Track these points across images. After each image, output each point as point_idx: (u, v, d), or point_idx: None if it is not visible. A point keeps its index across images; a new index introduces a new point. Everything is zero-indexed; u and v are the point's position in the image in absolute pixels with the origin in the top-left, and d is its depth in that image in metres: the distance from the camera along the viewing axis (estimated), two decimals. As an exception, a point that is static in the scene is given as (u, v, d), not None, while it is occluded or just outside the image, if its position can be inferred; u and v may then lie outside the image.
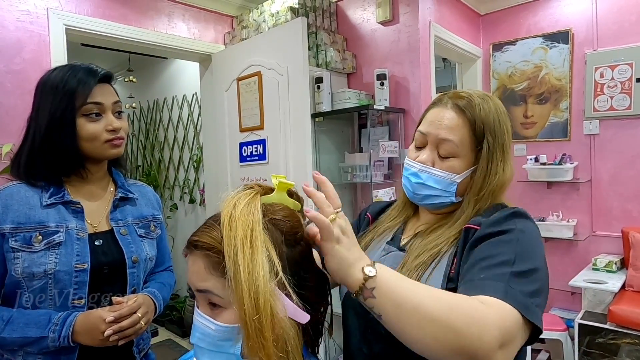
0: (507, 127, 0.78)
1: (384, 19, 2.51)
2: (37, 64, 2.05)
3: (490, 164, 0.75)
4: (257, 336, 0.48)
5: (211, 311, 0.55)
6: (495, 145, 0.75)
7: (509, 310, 0.56)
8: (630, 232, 2.65)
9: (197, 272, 0.55)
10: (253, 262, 0.49)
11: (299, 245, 0.58)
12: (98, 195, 1.05)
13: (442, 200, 0.78)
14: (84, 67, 0.98)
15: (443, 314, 0.52)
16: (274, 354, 0.49)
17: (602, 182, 2.87)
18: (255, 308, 0.48)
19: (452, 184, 0.76)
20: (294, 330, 0.53)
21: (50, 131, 0.93)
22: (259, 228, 0.52)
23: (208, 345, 0.55)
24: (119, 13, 2.35)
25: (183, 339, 3.33)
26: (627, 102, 2.73)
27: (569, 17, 2.95)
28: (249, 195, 0.55)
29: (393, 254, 0.81)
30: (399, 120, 2.49)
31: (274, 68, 2.33)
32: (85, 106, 0.94)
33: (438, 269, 0.72)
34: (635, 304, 2.33)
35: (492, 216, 0.72)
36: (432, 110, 0.80)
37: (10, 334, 0.87)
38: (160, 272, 1.22)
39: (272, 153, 2.39)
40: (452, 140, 0.75)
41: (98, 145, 0.97)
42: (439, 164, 0.77)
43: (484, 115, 0.75)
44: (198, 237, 0.55)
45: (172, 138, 4.01)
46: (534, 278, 0.62)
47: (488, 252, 0.65)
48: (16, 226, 0.90)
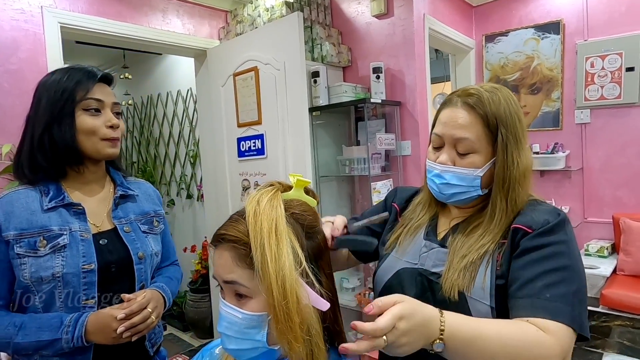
0: (519, 116, 0.79)
1: (378, 12, 2.53)
2: (34, 63, 2.05)
3: (506, 154, 0.77)
4: (286, 320, 0.53)
5: (238, 301, 0.59)
6: (508, 135, 0.77)
7: (569, 333, 0.65)
8: (620, 218, 2.73)
9: (224, 265, 0.58)
10: (279, 253, 0.53)
11: (317, 238, 0.62)
12: (98, 194, 1.05)
13: (469, 196, 0.81)
14: (82, 68, 1.00)
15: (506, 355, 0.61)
16: (301, 336, 0.54)
17: (593, 169, 2.94)
18: (283, 294, 0.53)
19: (476, 179, 0.79)
20: (315, 317, 0.57)
21: (50, 124, 0.93)
22: (283, 222, 0.56)
23: (235, 333, 0.58)
24: (113, 10, 2.34)
25: (185, 333, 3.37)
26: (617, 91, 2.79)
27: (559, 8, 2.99)
28: (270, 192, 0.59)
29: (435, 250, 0.83)
30: (395, 112, 2.53)
31: (270, 63, 2.34)
32: (85, 101, 0.95)
33: (487, 268, 0.75)
34: (626, 288, 2.41)
35: (541, 219, 0.74)
36: (444, 111, 0.83)
37: (24, 338, 0.89)
38: (167, 267, 1.23)
39: (270, 148, 2.41)
40: (468, 138, 0.77)
41: (96, 140, 0.97)
42: (460, 161, 0.79)
43: (494, 108, 0.77)
44: (225, 231, 0.59)
45: (168, 134, 4.01)
46: (584, 292, 0.71)
47: (548, 265, 0.70)
48: (19, 232, 0.90)
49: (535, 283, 0.69)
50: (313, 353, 0.57)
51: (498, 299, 0.73)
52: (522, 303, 0.68)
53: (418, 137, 2.48)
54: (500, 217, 0.78)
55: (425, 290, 0.81)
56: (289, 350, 0.55)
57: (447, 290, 0.76)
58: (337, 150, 2.66)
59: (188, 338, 3.31)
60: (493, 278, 0.74)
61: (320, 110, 2.47)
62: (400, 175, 2.55)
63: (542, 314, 0.66)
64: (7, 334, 0.89)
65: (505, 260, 0.75)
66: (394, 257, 0.89)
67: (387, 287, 0.87)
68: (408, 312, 0.56)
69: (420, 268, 0.83)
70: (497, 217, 0.78)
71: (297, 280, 0.55)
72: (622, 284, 2.46)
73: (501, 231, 0.78)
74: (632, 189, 2.82)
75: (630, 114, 2.78)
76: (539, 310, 0.66)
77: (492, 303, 0.73)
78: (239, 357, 0.62)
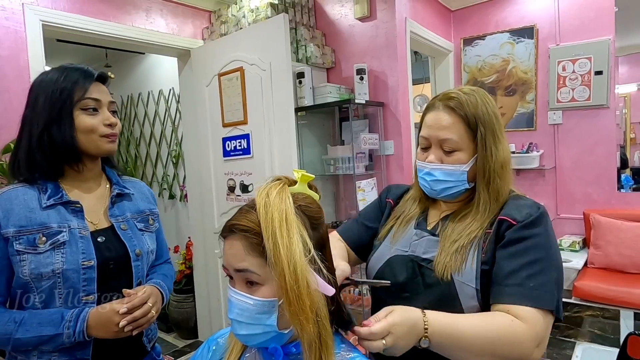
0: (496, 114, 0.88)
1: (361, 15, 2.59)
2: (15, 60, 2.01)
3: (485, 149, 0.85)
4: (297, 302, 0.57)
5: (248, 289, 0.63)
6: (487, 132, 0.85)
7: (548, 318, 0.75)
8: (591, 214, 2.87)
9: (235, 254, 0.62)
10: (290, 242, 0.58)
11: (321, 229, 0.66)
12: (95, 192, 1.07)
13: (457, 190, 0.88)
14: (79, 68, 1.01)
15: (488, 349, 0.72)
16: (312, 318, 0.58)
17: (565, 168, 3.09)
18: (294, 279, 0.57)
19: (463, 174, 0.87)
20: (322, 301, 0.61)
21: (49, 125, 0.94)
22: (292, 213, 0.60)
23: (247, 319, 0.62)
24: (96, 8, 2.32)
25: (168, 334, 3.34)
26: (587, 94, 2.94)
27: (533, 14, 3.12)
28: (278, 185, 0.63)
29: (426, 238, 0.91)
30: (378, 113, 2.59)
31: (256, 64, 2.37)
32: (83, 101, 0.97)
33: (474, 253, 0.83)
34: (597, 280, 2.54)
35: (524, 212, 0.82)
36: (428, 115, 0.91)
37: (25, 334, 0.89)
38: (160, 265, 1.25)
39: (256, 147, 2.43)
40: (452, 138, 0.86)
41: (95, 138, 0.99)
42: (446, 159, 0.87)
43: (473, 109, 0.86)
44: (237, 221, 0.62)
45: (149, 134, 3.97)
46: (561, 279, 0.80)
47: (531, 256, 0.79)
48: (19, 229, 0.91)
49: (520, 273, 0.78)
50: (321, 335, 0.61)
51: (482, 283, 0.81)
52: (508, 291, 0.77)
53: (400, 137, 2.55)
54: (486, 207, 0.86)
55: (415, 274, 0.88)
56: (301, 331, 0.59)
57: (439, 272, 0.83)
58: (322, 149, 2.70)
59: (172, 339, 3.29)
60: (479, 263, 0.82)
61: (305, 111, 2.51)
62: (383, 174, 2.61)
63: (527, 302, 0.75)
64: (7, 330, 0.89)
65: (490, 248, 0.83)
66: (385, 246, 0.96)
67: (380, 273, 0.94)
68: (399, 320, 0.69)
69: (411, 255, 0.90)
70: (482, 207, 0.87)
71: (307, 266, 0.59)
72: (593, 276, 2.60)
73: (487, 220, 0.86)
74: (601, 186, 2.97)
75: (599, 115, 2.94)
76: (524, 298, 0.75)
77: (478, 285, 0.81)
78: (250, 342, 0.65)
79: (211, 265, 2.88)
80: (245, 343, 0.67)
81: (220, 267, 2.81)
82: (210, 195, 2.76)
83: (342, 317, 0.70)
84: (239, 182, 2.56)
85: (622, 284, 2.44)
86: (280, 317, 0.62)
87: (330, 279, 0.64)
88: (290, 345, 0.67)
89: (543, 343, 0.74)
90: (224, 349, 0.75)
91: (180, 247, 3.46)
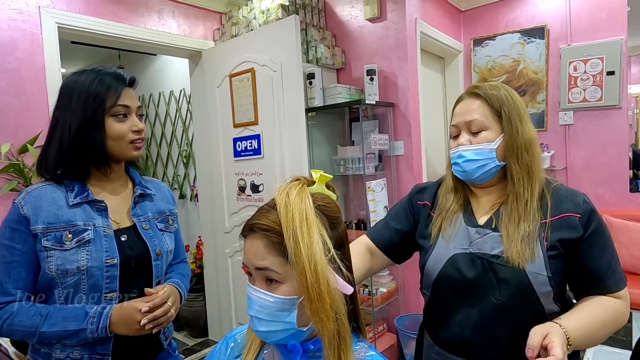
0: (519, 99, 0.95)
1: (372, 16, 2.60)
2: (31, 62, 2.05)
3: (511, 126, 0.92)
4: (318, 299, 0.59)
5: (268, 286, 0.64)
6: (511, 111, 0.92)
7: (626, 292, 0.91)
8: (602, 215, 2.85)
9: (255, 253, 0.63)
10: (310, 241, 0.59)
11: (340, 229, 0.68)
12: (119, 192, 1.10)
13: (488, 168, 0.93)
14: (111, 72, 1.03)
15: (607, 332, 0.87)
16: (332, 315, 0.60)
17: (577, 169, 3.07)
18: (315, 277, 0.58)
19: (492, 152, 0.92)
20: (341, 300, 0.62)
21: (81, 130, 0.97)
22: (312, 212, 0.61)
23: (266, 316, 0.64)
24: (109, 10, 2.36)
25: (179, 333, 3.37)
26: (599, 94, 2.91)
27: (544, 14, 3.10)
28: (298, 185, 0.64)
29: (489, 235, 0.94)
30: (388, 113, 2.60)
31: (267, 65, 2.39)
32: (114, 107, 1.00)
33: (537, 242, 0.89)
34: (608, 281, 2.52)
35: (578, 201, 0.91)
36: (457, 107, 0.99)
37: (50, 328, 0.92)
38: (178, 264, 1.27)
39: (267, 148, 2.45)
40: (477, 118, 0.93)
41: (123, 145, 1.02)
42: (475, 140, 0.94)
43: (495, 92, 0.94)
44: (258, 221, 0.64)
45: (160, 134, 4.01)
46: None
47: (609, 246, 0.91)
48: (47, 226, 0.94)
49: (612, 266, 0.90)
50: (340, 333, 0.62)
51: (552, 270, 0.88)
52: (609, 284, 0.90)
53: (410, 138, 2.55)
54: (520, 182, 0.92)
55: (486, 271, 0.91)
56: (321, 328, 0.60)
57: (514, 263, 0.88)
58: (332, 150, 2.71)
59: (182, 337, 3.32)
60: (544, 251, 0.88)
61: (315, 111, 2.52)
62: (393, 175, 2.62)
63: (621, 286, 0.90)
64: (34, 323, 0.92)
65: (554, 237, 0.89)
66: (442, 246, 0.98)
67: (442, 273, 0.96)
68: (560, 340, 0.76)
69: (478, 252, 0.93)
70: (517, 182, 0.92)
71: (327, 265, 0.60)
72: (604, 278, 2.57)
73: (539, 212, 0.91)
74: (612, 187, 2.95)
75: (611, 116, 2.91)
76: (619, 284, 0.90)
77: (549, 273, 0.87)
78: (269, 339, 0.67)
79: (221, 265, 2.90)
80: (264, 339, 0.69)
81: (230, 266, 2.83)
82: (220, 195, 2.79)
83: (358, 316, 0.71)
84: (250, 182, 2.58)
85: (634, 285, 2.42)
86: (300, 314, 0.63)
87: (349, 277, 0.65)
88: (308, 343, 0.68)
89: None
90: (242, 346, 0.77)
91: (191, 247, 3.50)
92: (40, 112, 2.05)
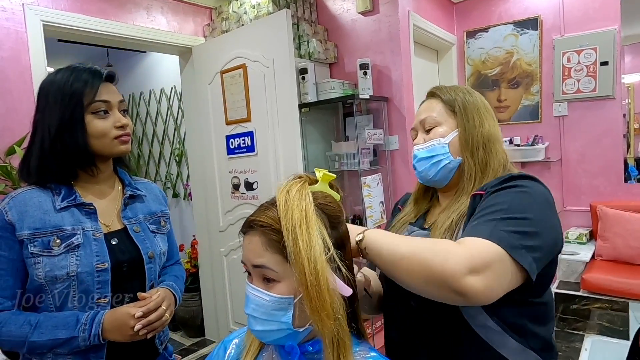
0: (480, 97, 0.90)
1: (364, 9, 2.57)
2: (16, 61, 2.00)
3: (467, 120, 0.87)
4: (318, 297, 0.57)
5: (265, 285, 0.62)
6: (467, 105, 0.87)
7: (487, 244, 0.62)
8: (597, 206, 2.86)
9: (253, 250, 0.62)
10: (310, 238, 0.57)
11: (341, 229, 0.66)
12: (107, 194, 1.06)
13: (443, 164, 0.86)
14: (87, 68, 0.99)
15: (412, 251, 0.63)
16: (332, 314, 0.58)
17: (571, 160, 3.07)
18: (315, 275, 0.57)
19: (444, 146, 0.87)
20: (340, 301, 0.60)
21: (61, 131, 0.93)
22: (312, 210, 0.60)
23: (262, 315, 0.62)
24: (96, 7, 2.30)
25: (175, 333, 3.35)
26: (593, 85, 2.91)
27: (537, 5, 3.09)
28: (299, 183, 0.63)
29: (416, 232, 0.89)
30: (382, 108, 2.57)
31: (259, 60, 2.35)
32: (93, 104, 0.95)
33: (460, 233, 0.77)
34: (604, 272, 2.53)
35: (496, 181, 0.78)
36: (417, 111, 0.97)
37: (40, 337, 0.89)
38: (171, 266, 1.25)
39: (260, 144, 2.42)
40: (429, 115, 0.90)
41: (107, 142, 0.98)
42: (427, 137, 0.89)
43: (450, 90, 0.91)
44: (256, 217, 0.62)
45: (151, 132, 3.95)
46: (527, 224, 0.66)
47: (486, 203, 0.72)
48: (33, 232, 0.90)
49: (471, 221, 0.72)
50: (339, 333, 0.60)
51: None
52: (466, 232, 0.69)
53: (405, 132, 2.53)
54: (471, 178, 0.84)
55: None
56: (321, 327, 0.58)
57: None
58: (326, 145, 2.69)
59: (179, 337, 3.30)
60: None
61: (309, 107, 2.49)
62: (388, 170, 2.60)
63: (464, 236, 0.67)
64: (23, 333, 0.89)
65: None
66: None
67: (382, 276, 0.92)
68: None
69: None
70: (467, 178, 0.84)
71: (326, 264, 0.58)
72: (601, 268, 2.58)
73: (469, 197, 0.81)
74: (607, 178, 2.95)
75: (605, 107, 2.91)
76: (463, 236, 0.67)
77: None
78: (265, 339, 0.65)
79: (217, 263, 2.87)
80: (260, 339, 0.67)
81: (225, 264, 2.80)
82: (214, 194, 2.75)
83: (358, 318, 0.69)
84: (244, 179, 2.55)
85: (630, 275, 2.43)
86: (297, 315, 0.61)
87: (349, 278, 0.63)
88: (306, 344, 0.67)
89: (485, 274, 0.60)
90: (240, 349, 0.75)
91: (185, 246, 3.46)
92: (27, 113, 1.99)
